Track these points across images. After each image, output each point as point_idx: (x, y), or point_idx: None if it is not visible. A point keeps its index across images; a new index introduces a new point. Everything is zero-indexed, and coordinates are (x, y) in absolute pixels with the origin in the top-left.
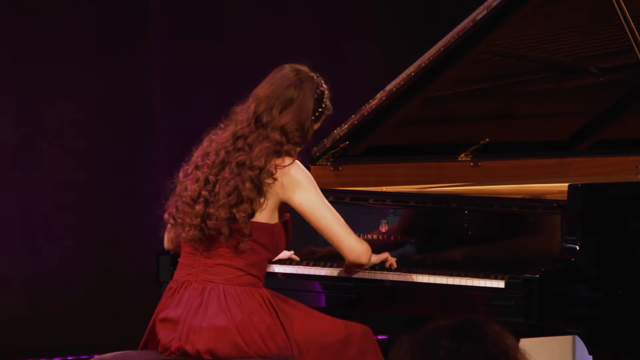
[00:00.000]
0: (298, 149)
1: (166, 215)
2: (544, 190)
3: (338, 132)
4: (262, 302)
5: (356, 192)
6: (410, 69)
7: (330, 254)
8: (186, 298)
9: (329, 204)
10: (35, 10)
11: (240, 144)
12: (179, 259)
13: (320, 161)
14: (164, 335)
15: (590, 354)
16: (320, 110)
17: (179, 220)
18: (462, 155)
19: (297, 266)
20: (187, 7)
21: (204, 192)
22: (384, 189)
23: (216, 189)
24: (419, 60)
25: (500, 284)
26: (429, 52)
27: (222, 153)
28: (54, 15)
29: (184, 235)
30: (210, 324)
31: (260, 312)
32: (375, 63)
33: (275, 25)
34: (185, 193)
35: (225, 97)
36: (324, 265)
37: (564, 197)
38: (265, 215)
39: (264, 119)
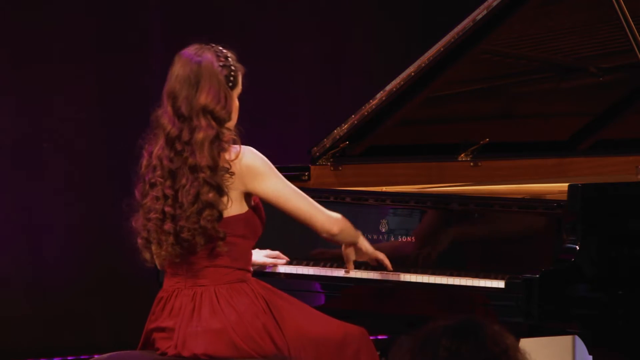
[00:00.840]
0: (230, 124)
1: (140, 240)
2: (544, 190)
3: (338, 132)
4: (254, 299)
5: (356, 192)
6: (410, 69)
7: (333, 255)
8: (178, 306)
9: (290, 184)
10: (36, 10)
11: (178, 146)
12: (166, 269)
13: (320, 161)
14: (160, 343)
15: (590, 354)
16: (232, 74)
17: (154, 240)
18: (462, 155)
19: (297, 266)
20: (187, 7)
21: (167, 209)
22: (384, 189)
23: (180, 201)
24: (419, 60)
25: (500, 284)
26: (429, 52)
27: (166, 162)
28: (54, 16)
29: (163, 253)
30: (206, 328)
31: (253, 309)
32: (375, 63)
33: (275, 25)
34: (151, 215)
35: None
36: (324, 265)
37: (564, 197)
38: (235, 207)
39: (185, 110)
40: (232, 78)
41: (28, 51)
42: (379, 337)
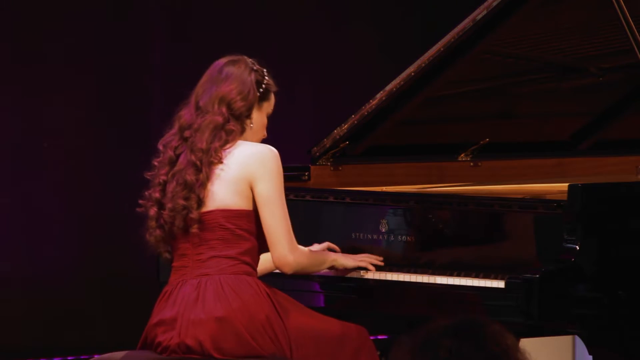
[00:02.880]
0: (256, 138)
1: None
2: (544, 190)
3: (338, 132)
4: (258, 292)
5: (356, 192)
6: (410, 69)
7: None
8: (181, 296)
9: (284, 205)
10: (36, 9)
11: (187, 133)
12: (173, 264)
13: (320, 161)
14: (162, 337)
15: (590, 354)
16: (264, 83)
17: (145, 227)
18: (462, 155)
19: None
20: (187, 7)
21: (156, 195)
22: (384, 189)
23: (168, 186)
24: (419, 60)
25: (500, 284)
26: (429, 52)
27: (170, 151)
28: (54, 15)
29: (152, 239)
30: (210, 315)
31: (258, 300)
32: (375, 63)
33: (275, 26)
34: (143, 202)
35: None
36: None
37: (564, 197)
38: (244, 202)
39: (203, 103)
40: (263, 86)
41: (28, 51)
42: (379, 337)
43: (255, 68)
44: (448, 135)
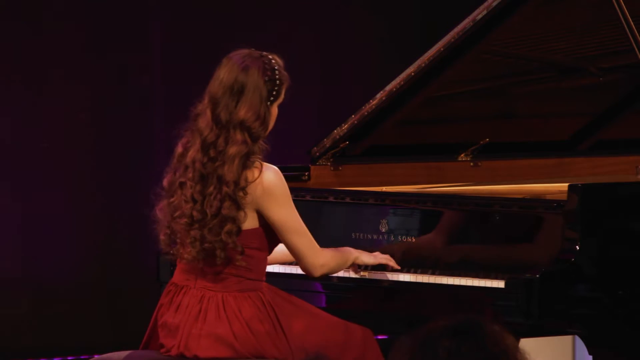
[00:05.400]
0: (262, 141)
1: (162, 237)
2: (544, 190)
3: (338, 132)
4: (261, 307)
5: (356, 192)
6: (410, 69)
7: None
8: (185, 304)
9: (298, 219)
10: (35, 10)
11: (212, 153)
12: (178, 262)
13: (320, 161)
14: (165, 339)
15: (590, 354)
16: (276, 88)
17: (179, 240)
18: (462, 155)
19: (297, 266)
20: (187, 7)
21: (195, 214)
22: (384, 189)
23: (205, 208)
24: (419, 60)
25: (500, 284)
26: (429, 52)
27: (198, 166)
28: (54, 15)
29: (185, 255)
30: (209, 332)
31: (259, 316)
32: (375, 63)
33: (274, 25)
34: (178, 215)
35: None
36: None
37: (564, 197)
38: (250, 222)
39: (223, 119)
40: (274, 92)
41: (28, 51)
42: (379, 337)
43: (267, 78)
44: (448, 135)
